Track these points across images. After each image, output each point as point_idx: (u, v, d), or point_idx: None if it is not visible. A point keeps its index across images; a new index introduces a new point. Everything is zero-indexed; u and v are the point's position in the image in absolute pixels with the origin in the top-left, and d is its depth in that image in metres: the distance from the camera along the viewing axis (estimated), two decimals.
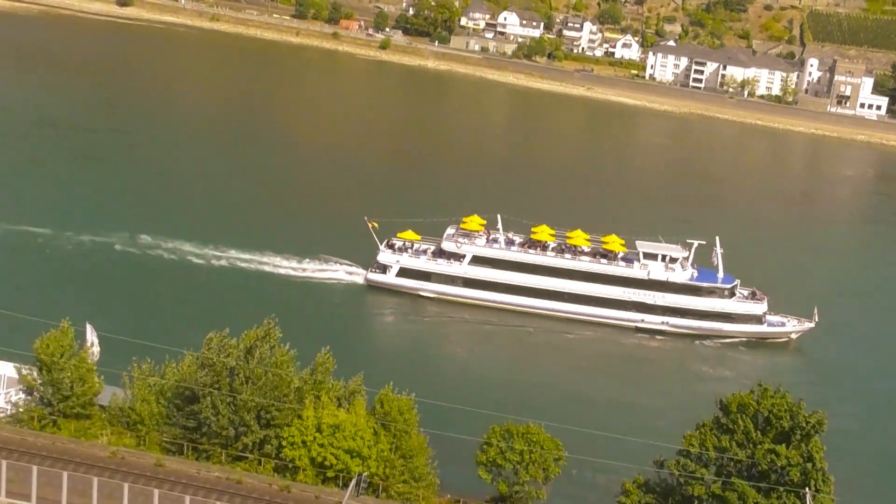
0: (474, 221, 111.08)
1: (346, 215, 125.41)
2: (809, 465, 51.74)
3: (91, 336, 62.56)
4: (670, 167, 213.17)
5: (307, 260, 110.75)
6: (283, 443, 57.05)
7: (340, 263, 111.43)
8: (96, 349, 62.07)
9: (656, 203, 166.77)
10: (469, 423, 63.55)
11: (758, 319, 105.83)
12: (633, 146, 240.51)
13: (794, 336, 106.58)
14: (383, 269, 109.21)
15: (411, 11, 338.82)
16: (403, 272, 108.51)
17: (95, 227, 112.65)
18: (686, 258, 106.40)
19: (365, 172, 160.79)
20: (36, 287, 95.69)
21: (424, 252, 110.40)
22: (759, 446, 52.97)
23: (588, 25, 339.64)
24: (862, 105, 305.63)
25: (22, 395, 61.90)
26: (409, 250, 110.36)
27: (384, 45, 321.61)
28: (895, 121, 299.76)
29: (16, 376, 61.52)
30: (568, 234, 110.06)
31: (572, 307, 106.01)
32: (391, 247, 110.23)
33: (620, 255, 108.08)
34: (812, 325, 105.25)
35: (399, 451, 57.96)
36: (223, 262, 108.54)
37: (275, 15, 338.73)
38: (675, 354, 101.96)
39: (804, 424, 52.84)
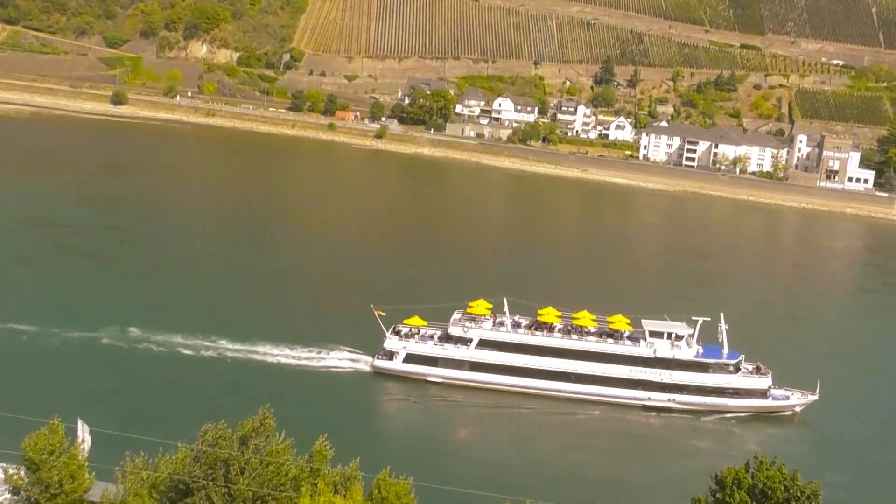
0: (480, 305, 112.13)
1: (351, 304, 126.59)
2: None
3: (82, 432, 62.46)
4: (668, 245, 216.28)
5: (312, 349, 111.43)
6: None
7: (347, 351, 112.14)
8: (87, 445, 61.98)
9: (657, 281, 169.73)
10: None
11: (762, 394, 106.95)
12: (630, 225, 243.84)
13: (798, 409, 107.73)
14: (390, 355, 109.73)
15: (407, 101, 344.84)
16: (410, 358, 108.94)
17: (83, 322, 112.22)
18: (692, 335, 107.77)
19: (369, 261, 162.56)
20: (24, 385, 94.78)
21: (431, 337, 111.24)
22: None
23: (582, 108, 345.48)
24: (850, 179, 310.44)
25: (9, 496, 60.20)
26: (416, 336, 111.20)
27: (380, 135, 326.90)
28: (883, 194, 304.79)
29: (2, 476, 60.45)
30: (574, 315, 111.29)
31: (579, 387, 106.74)
32: (397, 333, 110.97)
33: (626, 333, 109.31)
34: (815, 397, 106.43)
35: None
36: (222, 354, 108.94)
37: (271, 108, 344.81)
38: (680, 431, 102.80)
39: (799, 495, 53.00)
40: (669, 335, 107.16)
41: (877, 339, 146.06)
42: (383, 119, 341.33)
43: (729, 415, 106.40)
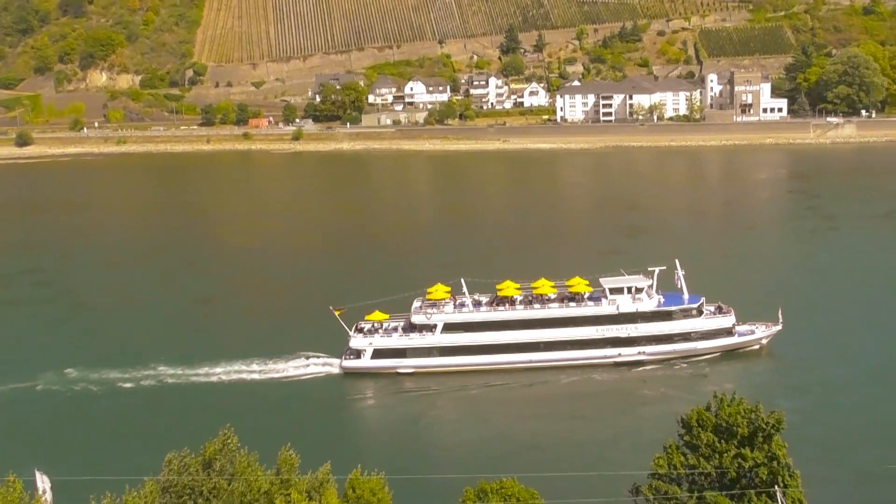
0: (439, 290, 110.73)
1: (306, 310, 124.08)
2: (775, 464, 52.48)
3: (42, 483, 60.03)
4: (600, 202, 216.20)
5: (273, 361, 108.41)
6: None
7: (312, 357, 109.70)
8: (49, 496, 59.51)
9: (598, 238, 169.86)
10: (445, 490, 63.47)
11: (728, 332, 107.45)
12: (560, 188, 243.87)
13: (764, 341, 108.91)
14: (357, 353, 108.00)
15: (318, 99, 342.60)
16: (378, 353, 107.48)
17: (17, 372, 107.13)
18: (651, 286, 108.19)
19: (313, 264, 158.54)
20: None
21: (395, 329, 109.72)
22: (724, 455, 53.87)
23: (493, 80, 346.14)
24: (764, 110, 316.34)
25: None
26: (381, 330, 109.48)
27: (297, 136, 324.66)
28: (797, 119, 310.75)
29: None
30: (533, 285, 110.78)
31: (550, 355, 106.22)
32: (361, 331, 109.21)
33: (587, 295, 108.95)
34: (779, 327, 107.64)
35: None
36: (172, 380, 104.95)
37: (182, 127, 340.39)
38: (651, 382, 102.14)
39: (764, 426, 53.56)
40: (630, 289, 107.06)
41: (816, 261, 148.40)
42: (298, 121, 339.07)
43: (699, 358, 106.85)
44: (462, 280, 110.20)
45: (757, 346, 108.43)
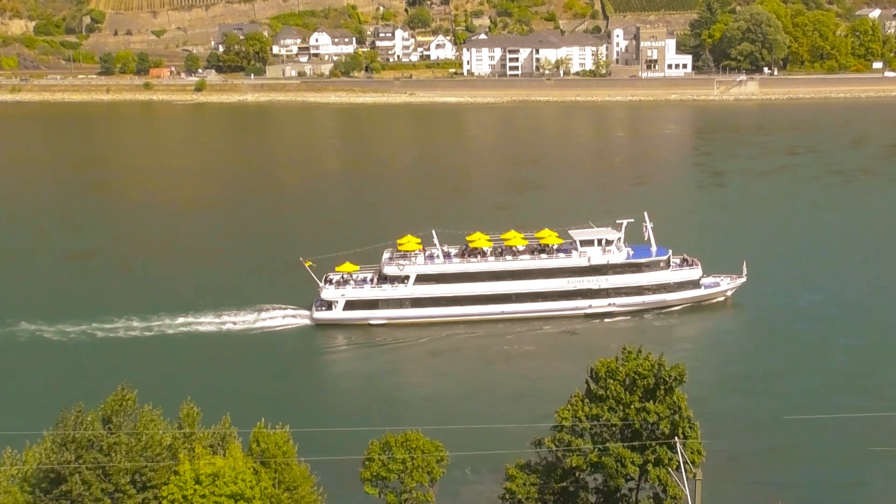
0: (410, 241, 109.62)
1: (265, 263, 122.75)
2: (676, 416, 53.03)
3: None
4: (504, 156, 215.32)
5: (241, 313, 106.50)
6: (164, 502, 54.35)
7: (280, 309, 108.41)
8: None
9: (502, 193, 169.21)
10: (352, 443, 63.22)
11: (695, 284, 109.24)
12: (465, 142, 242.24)
13: (729, 293, 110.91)
14: (328, 305, 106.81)
15: (221, 49, 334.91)
16: (350, 305, 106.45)
17: None
18: (620, 238, 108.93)
19: (243, 218, 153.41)
20: None
21: (366, 281, 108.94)
22: (630, 407, 54.17)
23: (399, 33, 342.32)
24: (669, 66, 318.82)
25: None
26: (352, 282, 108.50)
27: (200, 87, 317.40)
28: (701, 76, 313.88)
29: None
30: (503, 237, 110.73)
31: (522, 306, 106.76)
32: (330, 282, 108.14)
33: (557, 247, 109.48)
34: (744, 279, 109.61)
35: (283, 486, 56.05)
36: (141, 332, 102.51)
37: (80, 76, 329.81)
38: (615, 334, 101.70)
39: (667, 378, 54.11)
40: (600, 241, 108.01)
41: (751, 205, 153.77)
42: (200, 71, 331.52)
43: (667, 309, 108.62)
44: (433, 231, 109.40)
45: (722, 298, 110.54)
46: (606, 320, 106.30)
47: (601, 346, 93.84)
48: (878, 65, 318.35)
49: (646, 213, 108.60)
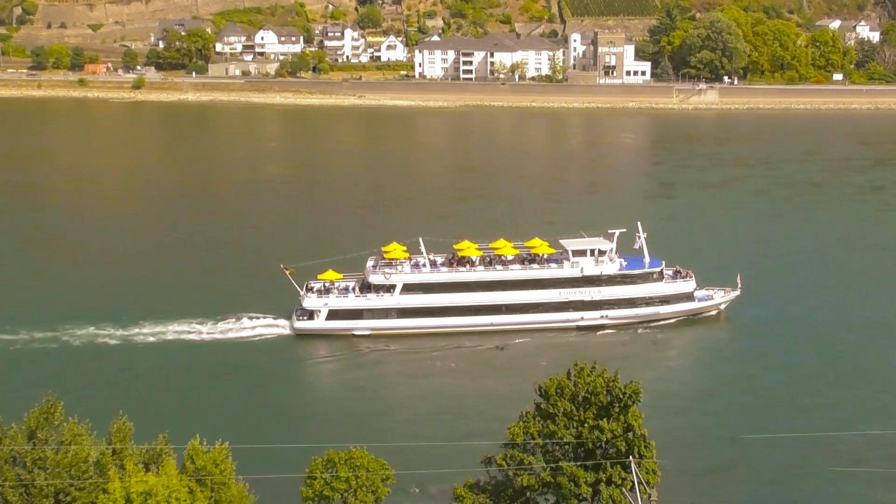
0: (397, 249, 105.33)
1: (235, 270, 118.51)
2: (631, 435, 52.45)
3: None
4: (456, 164, 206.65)
5: (217, 321, 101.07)
6: None
7: (258, 318, 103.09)
8: None
9: (448, 202, 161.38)
10: (299, 460, 59.87)
11: (689, 297, 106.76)
12: (414, 148, 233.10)
13: (722, 307, 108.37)
14: (310, 314, 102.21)
15: (161, 45, 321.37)
16: (333, 314, 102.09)
17: None
18: (612, 249, 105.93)
19: (163, 229, 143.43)
20: None
21: (348, 289, 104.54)
22: (583, 424, 53.57)
23: (349, 32, 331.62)
24: (628, 73, 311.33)
25: None
26: (335, 290, 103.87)
27: (138, 85, 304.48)
28: (660, 84, 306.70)
29: None
30: (492, 245, 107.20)
31: (512, 318, 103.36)
32: (311, 290, 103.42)
33: (547, 256, 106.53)
34: (738, 292, 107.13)
35: None
36: (118, 340, 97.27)
37: (10, 70, 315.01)
38: (609, 346, 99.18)
39: (621, 396, 53.42)
40: (592, 252, 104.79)
41: (738, 215, 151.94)
42: (139, 68, 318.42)
43: (660, 322, 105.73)
44: (420, 239, 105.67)
45: (715, 312, 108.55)
46: (599, 333, 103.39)
47: (588, 359, 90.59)
48: (838, 76, 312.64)
49: (639, 223, 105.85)
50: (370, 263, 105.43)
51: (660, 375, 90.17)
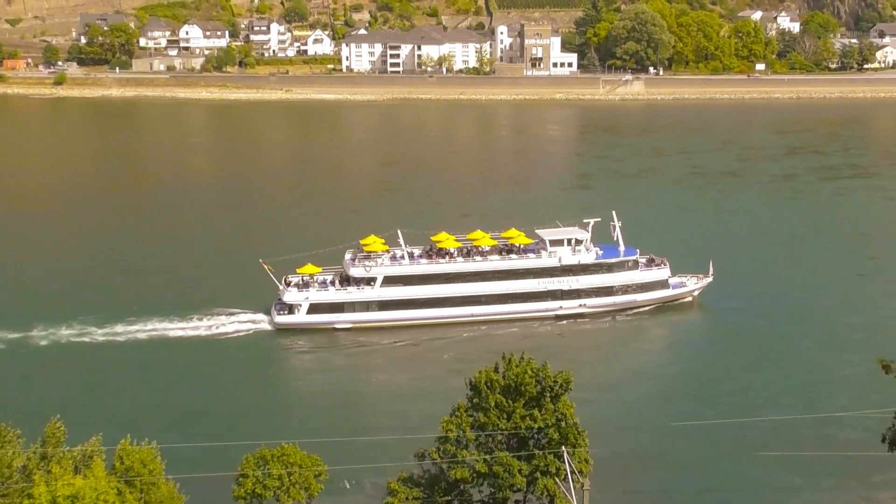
0: (376, 242, 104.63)
1: (204, 265, 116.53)
2: (563, 424, 52.74)
3: None
4: (384, 156, 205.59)
5: (194, 318, 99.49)
6: None
7: (237, 314, 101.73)
8: None
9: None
10: (234, 459, 58.70)
11: (664, 284, 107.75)
12: (341, 142, 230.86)
13: (696, 294, 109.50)
14: (290, 308, 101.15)
15: (83, 40, 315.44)
16: (314, 308, 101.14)
17: None
18: (588, 238, 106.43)
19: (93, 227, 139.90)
20: None
21: (327, 283, 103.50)
22: (513, 414, 53.65)
23: (275, 26, 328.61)
24: (554, 65, 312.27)
25: None
26: (315, 284, 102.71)
27: (59, 81, 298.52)
28: (587, 75, 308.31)
29: None
30: (470, 237, 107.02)
31: (493, 308, 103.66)
32: (289, 284, 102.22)
33: (524, 247, 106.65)
34: (710, 279, 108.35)
35: None
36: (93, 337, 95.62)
37: None
38: (591, 334, 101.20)
39: (552, 385, 53.52)
40: (569, 241, 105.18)
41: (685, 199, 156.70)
42: (60, 63, 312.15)
43: (637, 310, 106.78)
44: (399, 231, 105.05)
45: (689, 299, 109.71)
46: (579, 321, 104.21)
47: (563, 347, 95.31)
48: (760, 66, 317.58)
49: (614, 213, 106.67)
50: (348, 256, 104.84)
51: (607, 364, 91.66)
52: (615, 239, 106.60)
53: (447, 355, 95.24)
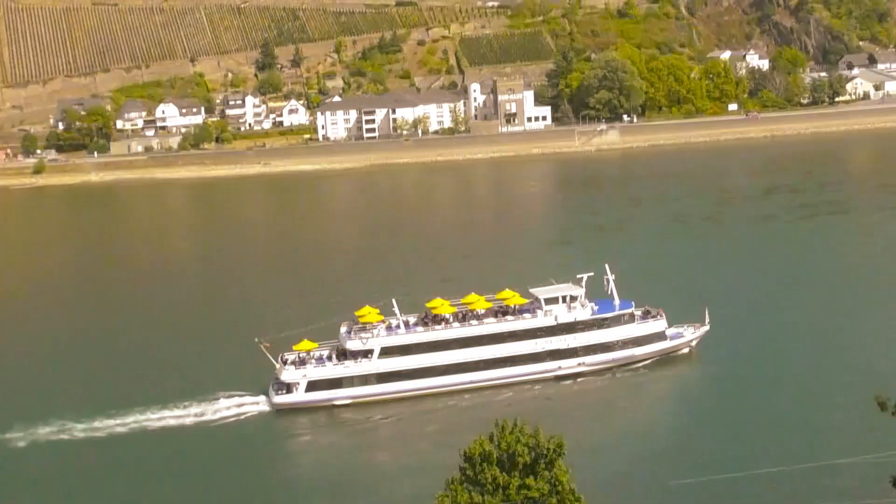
0: (371, 313, 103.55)
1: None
2: (559, 488, 51.07)
3: None
4: (369, 228, 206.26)
5: (189, 404, 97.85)
6: None
7: (234, 397, 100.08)
8: None
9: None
10: None
11: (661, 336, 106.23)
12: (329, 214, 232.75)
13: (693, 344, 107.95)
14: (288, 387, 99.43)
15: (61, 127, 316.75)
16: (312, 385, 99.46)
17: None
18: (583, 294, 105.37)
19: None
20: None
21: (323, 359, 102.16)
22: (509, 488, 51.56)
23: (250, 99, 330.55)
24: (529, 119, 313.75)
25: None
26: (313, 360, 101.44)
27: (39, 169, 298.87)
28: (562, 127, 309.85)
29: None
30: (464, 301, 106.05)
31: (493, 373, 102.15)
32: (285, 362, 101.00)
33: (519, 307, 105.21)
34: (707, 327, 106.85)
35: None
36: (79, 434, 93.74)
37: None
38: (591, 394, 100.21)
39: (545, 451, 51.96)
40: (564, 298, 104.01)
41: (684, 249, 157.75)
42: (39, 152, 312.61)
43: (636, 364, 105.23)
44: (393, 300, 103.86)
45: (687, 350, 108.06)
46: (580, 380, 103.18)
47: (567, 410, 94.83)
48: (733, 107, 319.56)
49: (606, 266, 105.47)
50: (344, 329, 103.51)
51: (605, 423, 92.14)
52: (609, 293, 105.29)
53: (447, 426, 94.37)
